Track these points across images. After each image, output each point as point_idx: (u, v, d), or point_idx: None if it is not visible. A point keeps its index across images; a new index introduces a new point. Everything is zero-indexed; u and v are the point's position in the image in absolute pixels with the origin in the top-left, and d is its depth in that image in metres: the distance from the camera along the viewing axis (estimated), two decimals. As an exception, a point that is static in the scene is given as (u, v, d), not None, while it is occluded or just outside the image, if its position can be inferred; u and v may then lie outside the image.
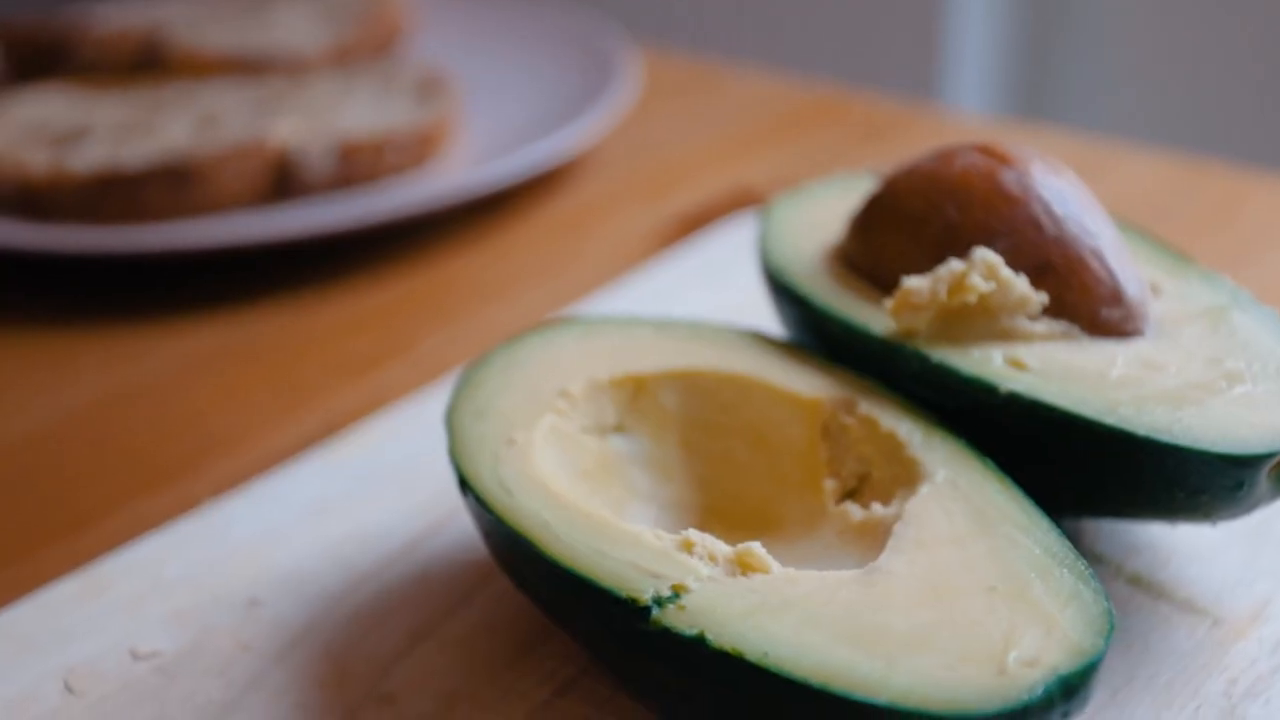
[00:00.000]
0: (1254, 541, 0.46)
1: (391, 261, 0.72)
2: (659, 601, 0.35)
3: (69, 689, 0.42)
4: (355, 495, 0.50)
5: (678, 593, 0.36)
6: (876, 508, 0.40)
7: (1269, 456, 0.39)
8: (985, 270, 0.43)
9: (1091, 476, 0.41)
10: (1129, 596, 0.44)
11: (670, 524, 0.43)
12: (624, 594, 0.36)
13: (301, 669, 0.42)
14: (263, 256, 0.71)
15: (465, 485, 0.40)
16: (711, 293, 0.62)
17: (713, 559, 0.37)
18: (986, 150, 0.46)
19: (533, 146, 0.76)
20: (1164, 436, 0.39)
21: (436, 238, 0.75)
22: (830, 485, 0.43)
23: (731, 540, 0.42)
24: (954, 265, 0.43)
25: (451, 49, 0.94)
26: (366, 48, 0.90)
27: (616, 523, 0.38)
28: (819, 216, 0.51)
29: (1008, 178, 0.45)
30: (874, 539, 0.39)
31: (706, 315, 0.55)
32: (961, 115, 0.86)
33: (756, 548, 0.37)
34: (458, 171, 0.76)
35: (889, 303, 0.44)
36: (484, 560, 0.46)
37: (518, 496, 0.39)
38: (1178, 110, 1.21)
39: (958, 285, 0.43)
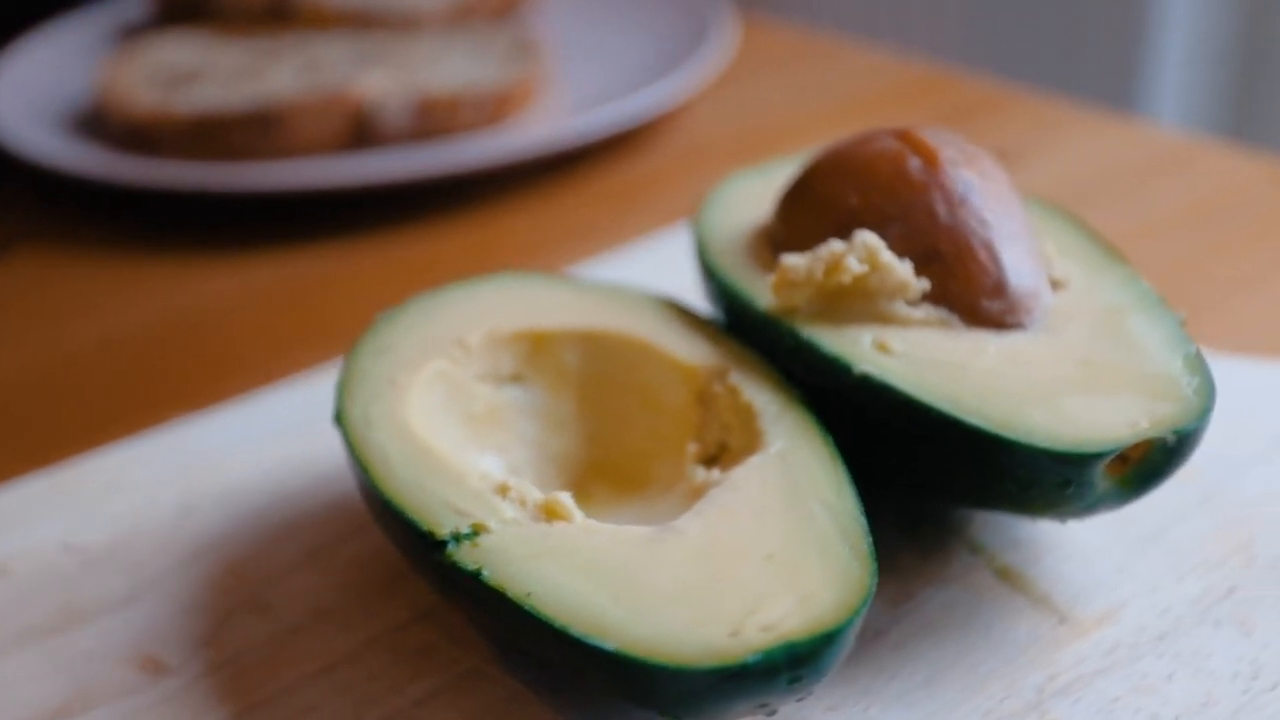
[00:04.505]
0: (1138, 547, 0.45)
1: (456, 214, 0.76)
2: (456, 538, 0.38)
3: (3, 570, 0.47)
4: (314, 422, 0.54)
5: (476, 531, 0.38)
6: (715, 473, 0.42)
7: (1095, 456, 0.39)
8: (863, 253, 0.43)
9: (933, 462, 0.42)
10: (990, 587, 0.44)
11: (550, 474, 0.46)
12: (425, 527, 0.38)
13: (201, 574, 0.46)
14: (332, 201, 0.76)
15: (337, 417, 0.44)
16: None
17: (523, 504, 0.39)
18: (902, 136, 0.47)
19: (602, 110, 0.79)
20: (991, 427, 0.39)
21: (508, 192, 0.78)
22: (692, 449, 0.44)
23: (605, 494, 0.44)
24: (834, 246, 0.44)
25: (569, 16, 0.97)
26: (486, 9, 0.93)
27: (452, 462, 0.41)
28: (767, 192, 0.52)
29: (913, 165, 0.45)
30: (700, 502, 0.41)
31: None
32: (1052, 103, 0.84)
33: (564, 498, 0.39)
34: (527, 130, 0.79)
35: (770, 279, 0.45)
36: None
37: (374, 431, 0.42)
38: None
39: (834, 266, 0.43)
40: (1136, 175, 0.76)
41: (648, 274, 0.62)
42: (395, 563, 0.46)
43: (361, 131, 0.78)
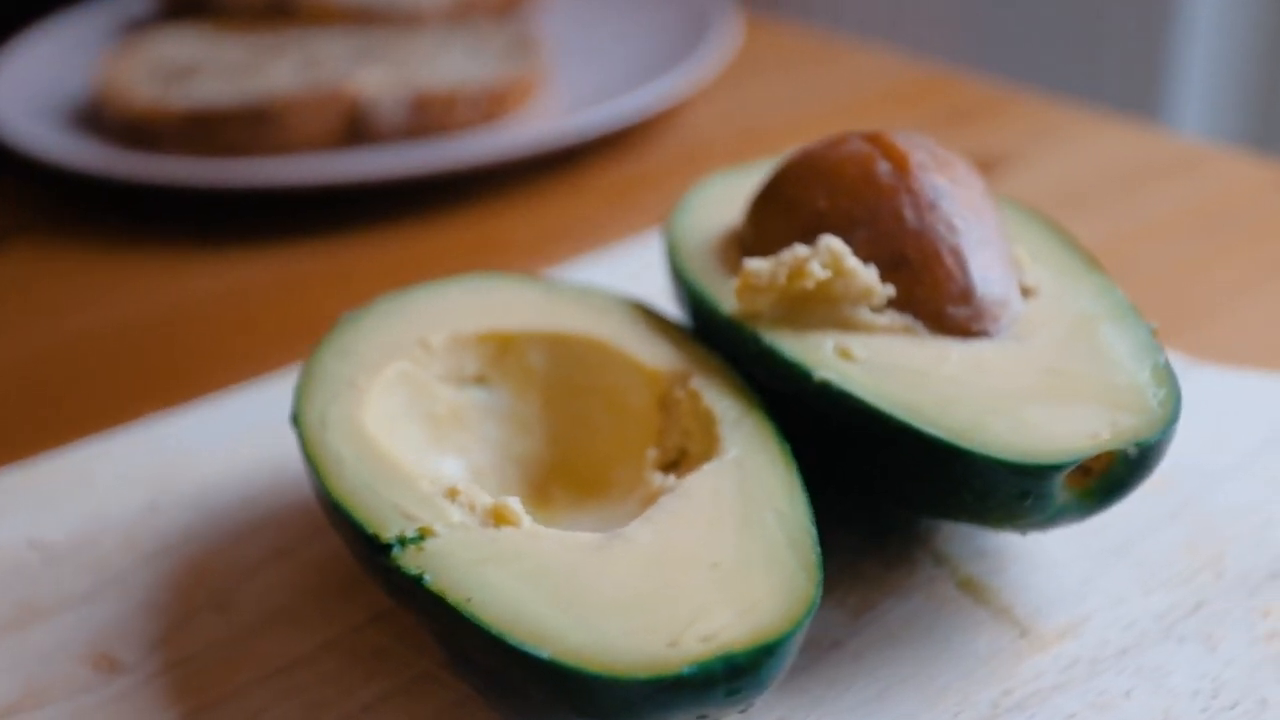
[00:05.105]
0: (1106, 559, 0.44)
1: (453, 211, 0.76)
2: (402, 541, 0.38)
3: (-34, 566, 0.47)
4: (286, 420, 0.54)
5: (423, 535, 0.38)
6: (670, 479, 0.41)
7: (1053, 468, 0.38)
8: (827, 258, 0.43)
9: (892, 470, 0.41)
10: (952, 599, 0.43)
11: (512, 476, 0.45)
12: (371, 530, 0.38)
13: (165, 572, 0.46)
14: (328, 197, 0.76)
15: (294, 418, 0.43)
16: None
17: (472, 509, 0.39)
18: (873, 139, 0.46)
19: (600, 108, 0.79)
20: (947, 436, 0.39)
21: (505, 190, 0.78)
22: (652, 454, 0.44)
23: (565, 498, 0.44)
24: (798, 250, 0.43)
25: (572, 14, 0.97)
26: (488, 6, 0.93)
27: (404, 465, 0.41)
28: (742, 194, 0.52)
29: (881, 168, 0.45)
30: (654, 508, 0.40)
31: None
32: (1053, 105, 0.83)
33: (513, 503, 0.39)
34: (524, 127, 0.79)
35: (734, 283, 0.44)
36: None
37: (329, 432, 0.42)
38: None
39: (797, 271, 0.43)
40: (1137, 178, 0.75)
41: (635, 274, 0.62)
42: (355, 564, 0.46)
43: (357, 128, 0.78)
